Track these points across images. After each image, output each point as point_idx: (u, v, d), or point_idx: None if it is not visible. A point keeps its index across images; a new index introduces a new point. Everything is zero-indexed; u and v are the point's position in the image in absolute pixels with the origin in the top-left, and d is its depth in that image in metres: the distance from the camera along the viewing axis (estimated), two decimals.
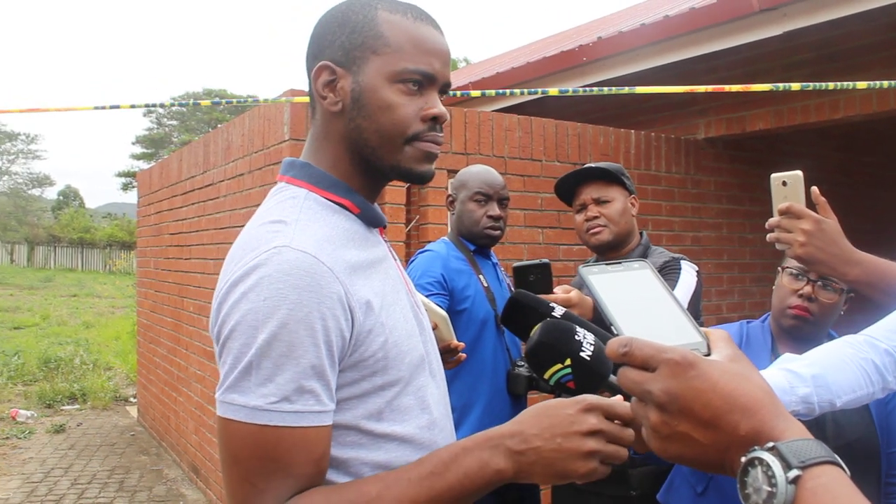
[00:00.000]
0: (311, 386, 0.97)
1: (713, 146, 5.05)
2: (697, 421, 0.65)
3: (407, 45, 1.10)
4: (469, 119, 3.90)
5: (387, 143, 1.10)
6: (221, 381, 1.00)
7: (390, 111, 1.09)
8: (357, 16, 1.11)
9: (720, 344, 0.71)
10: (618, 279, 0.78)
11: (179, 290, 5.77)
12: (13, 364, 9.73)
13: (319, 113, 1.15)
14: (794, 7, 3.78)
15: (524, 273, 1.65)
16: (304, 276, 0.97)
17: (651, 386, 0.66)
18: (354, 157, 1.14)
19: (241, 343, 0.97)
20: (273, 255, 0.99)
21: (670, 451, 0.67)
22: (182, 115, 46.28)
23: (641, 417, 0.69)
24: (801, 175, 1.55)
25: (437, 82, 1.13)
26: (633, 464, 2.22)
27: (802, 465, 0.60)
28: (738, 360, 0.69)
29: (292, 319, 0.96)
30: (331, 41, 1.12)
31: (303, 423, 0.97)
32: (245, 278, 0.99)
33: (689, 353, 0.67)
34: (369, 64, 1.09)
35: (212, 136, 5.17)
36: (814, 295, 1.84)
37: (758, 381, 0.67)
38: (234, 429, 0.97)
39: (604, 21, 8.10)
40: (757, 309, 5.12)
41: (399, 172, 1.13)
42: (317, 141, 1.17)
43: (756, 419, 0.64)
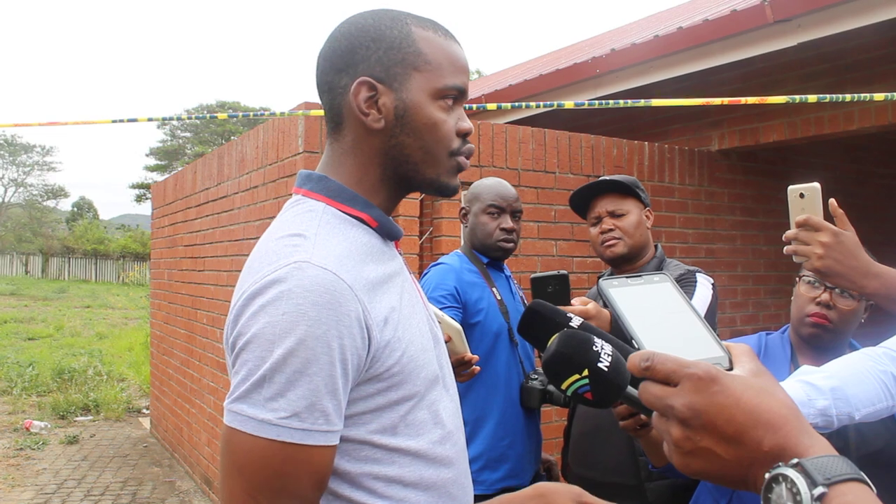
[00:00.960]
0: (323, 405, 0.97)
1: (727, 158, 5.03)
2: (720, 436, 0.64)
3: (445, 63, 1.12)
4: (483, 131, 3.90)
5: (430, 158, 1.12)
6: (232, 390, 0.99)
7: (436, 128, 1.11)
8: (392, 31, 1.11)
9: (743, 358, 0.70)
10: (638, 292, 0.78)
11: (193, 302, 5.79)
12: (27, 375, 9.77)
13: (351, 129, 1.13)
14: (809, 18, 3.77)
15: (542, 284, 1.64)
16: (324, 294, 0.97)
17: (673, 401, 0.65)
18: (387, 173, 1.14)
19: (256, 355, 0.97)
20: (294, 271, 0.98)
21: (693, 466, 0.66)
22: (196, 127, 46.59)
23: (663, 433, 0.68)
24: (819, 187, 1.54)
25: (465, 96, 1.16)
26: (649, 477, 2.20)
27: (828, 483, 0.59)
28: (762, 375, 0.68)
29: (310, 336, 0.95)
30: (365, 56, 1.10)
31: (310, 442, 0.96)
32: (264, 291, 0.98)
33: (712, 367, 0.66)
34: (411, 81, 1.10)
35: (226, 148, 5.20)
36: (832, 302, 1.82)
37: (782, 396, 0.66)
38: (240, 440, 0.96)
39: (617, 33, 8.11)
40: (772, 321, 5.08)
41: (436, 186, 1.15)
42: (341, 155, 1.15)
43: (780, 435, 0.63)
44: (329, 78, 1.14)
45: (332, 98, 1.14)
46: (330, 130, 1.18)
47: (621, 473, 2.25)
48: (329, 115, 1.17)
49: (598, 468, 2.31)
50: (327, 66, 1.14)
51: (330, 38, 1.16)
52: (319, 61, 1.16)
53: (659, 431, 0.68)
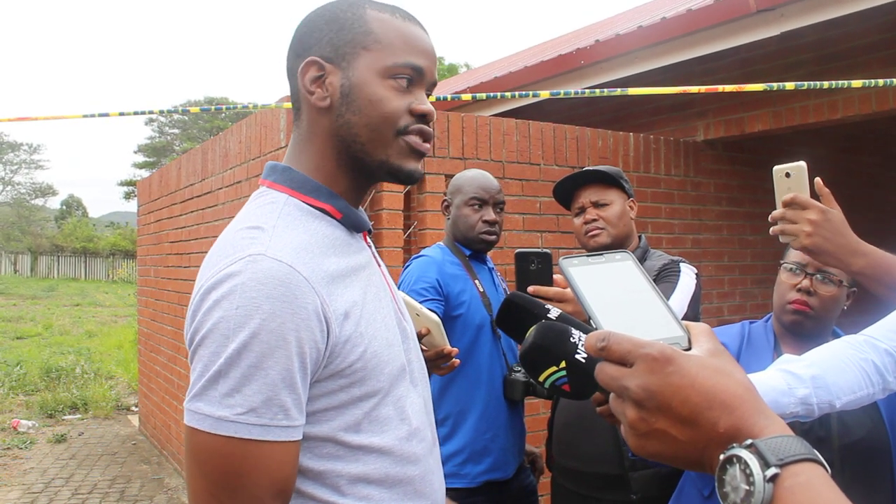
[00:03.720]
0: (281, 399, 0.95)
1: (712, 148, 5.03)
2: (675, 418, 0.63)
3: (397, 42, 1.10)
4: (466, 124, 3.88)
5: (376, 137, 1.09)
6: (189, 388, 0.98)
7: (380, 104, 1.08)
8: (345, 14, 1.10)
9: (701, 338, 0.68)
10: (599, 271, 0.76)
11: (179, 299, 5.76)
12: (15, 374, 9.72)
13: (305, 111, 1.13)
14: (792, 7, 3.77)
15: (526, 259, 1.62)
16: (279, 287, 0.95)
17: (628, 382, 0.64)
18: (341, 156, 1.12)
19: (210, 351, 0.95)
20: (248, 264, 0.97)
21: (648, 448, 0.65)
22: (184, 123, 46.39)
23: (619, 414, 0.66)
24: (805, 166, 1.53)
25: (424, 79, 1.13)
26: (633, 467, 2.20)
27: (781, 463, 0.57)
28: (719, 355, 0.66)
29: (264, 330, 0.93)
30: (318, 38, 1.10)
31: (269, 437, 0.94)
32: (219, 286, 0.97)
33: (668, 347, 0.64)
34: (359, 59, 1.09)
35: (210, 143, 5.17)
36: (812, 288, 1.81)
37: (738, 376, 0.65)
38: (200, 439, 0.95)
39: (601, 24, 8.10)
40: (758, 311, 5.09)
41: (387, 169, 1.12)
42: (301, 143, 1.14)
43: (735, 416, 0.62)
44: (290, 64, 1.14)
45: (293, 83, 1.14)
46: (294, 118, 1.17)
47: (605, 463, 2.25)
48: (292, 101, 1.16)
49: (582, 458, 2.31)
50: (290, 53, 1.15)
51: (296, 26, 1.16)
52: (287, 50, 1.17)
53: (615, 413, 0.67)
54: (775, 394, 1.39)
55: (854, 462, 1.71)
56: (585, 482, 2.31)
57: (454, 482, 2.32)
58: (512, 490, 2.45)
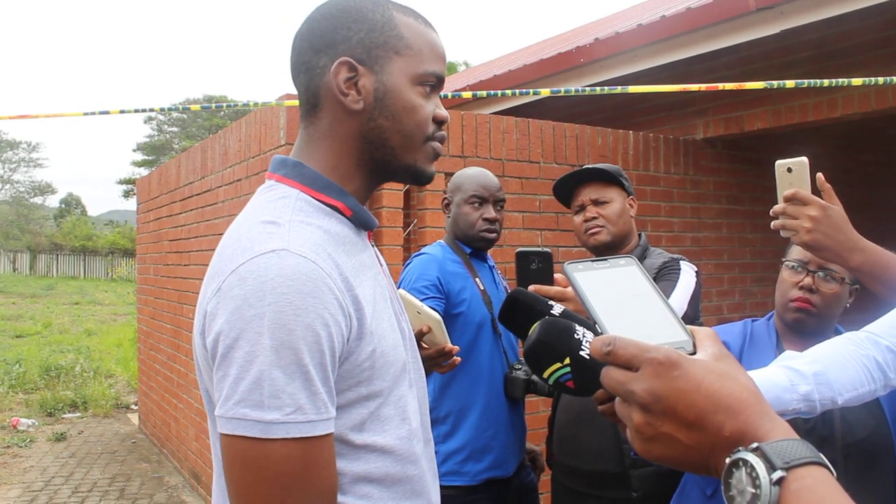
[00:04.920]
0: (321, 394, 0.94)
1: (712, 146, 5.03)
2: (681, 422, 0.63)
3: (425, 49, 1.11)
4: (466, 122, 3.88)
5: (407, 142, 1.11)
6: (226, 394, 0.93)
7: (414, 112, 1.10)
8: (374, 14, 1.09)
9: (706, 342, 0.69)
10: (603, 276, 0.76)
11: (179, 297, 5.76)
12: (15, 373, 9.72)
13: (329, 110, 1.10)
14: (791, 5, 3.77)
15: (526, 258, 1.62)
16: (308, 282, 0.94)
17: (634, 386, 0.65)
18: (363, 157, 1.12)
19: (246, 351, 0.91)
20: (273, 258, 0.95)
21: (654, 452, 0.66)
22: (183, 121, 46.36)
23: (625, 418, 0.67)
24: (807, 161, 1.53)
25: (442, 85, 1.16)
26: (634, 465, 2.20)
27: (787, 466, 0.58)
28: (724, 359, 0.67)
29: (299, 325, 0.92)
30: (346, 37, 1.08)
31: (317, 432, 0.93)
32: (244, 283, 0.94)
33: (673, 352, 0.65)
34: (392, 64, 1.09)
35: (209, 141, 5.16)
36: (814, 286, 1.81)
37: (743, 380, 0.65)
38: (251, 447, 0.91)
39: (601, 22, 8.09)
40: (758, 309, 5.10)
41: (411, 172, 1.14)
42: (316, 140, 1.12)
43: (741, 419, 0.62)
44: (307, 58, 1.11)
45: (310, 79, 1.11)
46: (304, 114, 1.14)
47: (606, 461, 2.25)
48: (305, 96, 1.13)
49: (583, 456, 2.31)
50: (305, 46, 1.12)
51: (309, 18, 1.13)
52: (296, 42, 1.13)
53: (621, 417, 0.67)
54: (778, 390, 1.39)
55: (857, 461, 1.72)
56: (586, 480, 2.31)
57: (455, 480, 2.32)
58: (512, 488, 2.45)
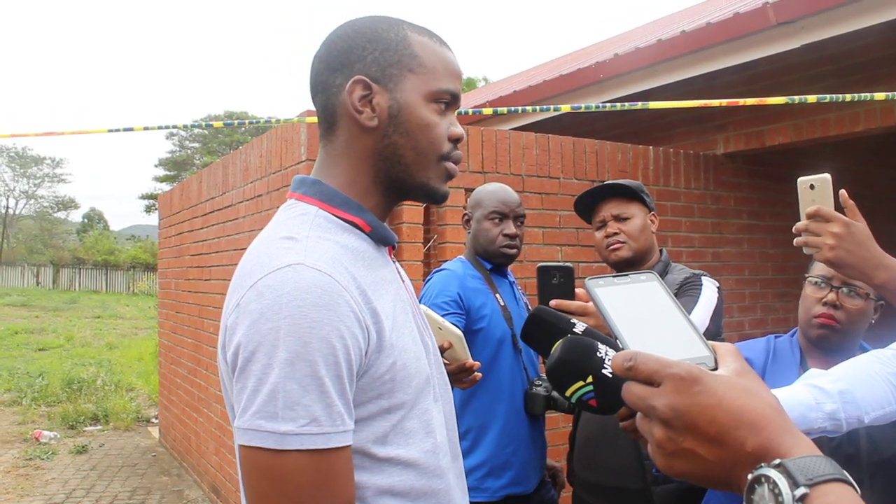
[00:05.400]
0: (338, 406, 0.95)
1: (732, 161, 5.01)
2: (703, 437, 0.63)
3: (439, 66, 1.13)
4: (486, 138, 3.90)
5: (422, 160, 1.12)
6: (244, 406, 0.95)
7: (429, 129, 1.11)
8: (388, 34, 1.12)
9: (727, 358, 0.69)
10: (624, 291, 0.76)
11: (200, 311, 5.80)
12: (37, 385, 9.82)
13: (344, 128, 1.13)
14: (812, 20, 3.75)
15: (548, 273, 1.62)
16: (323, 295, 0.96)
17: (656, 401, 0.64)
18: (379, 174, 1.13)
19: (262, 364, 0.94)
20: (289, 273, 0.97)
21: (675, 467, 0.65)
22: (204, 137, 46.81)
23: (646, 433, 0.67)
24: (829, 178, 1.52)
25: (458, 103, 1.17)
26: (655, 481, 2.19)
27: (810, 483, 0.57)
28: (745, 375, 0.67)
29: (314, 338, 0.93)
30: (361, 56, 1.11)
31: (333, 445, 0.94)
32: (261, 297, 0.96)
33: (695, 367, 0.65)
34: (406, 82, 1.11)
35: (231, 157, 5.21)
36: (838, 302, 1.78)
37: (765, 396, 0.65)
38: (266, 459, 0.93)
39: (621, 38, 8.10)
40: (780, 325, 5.05)
41: (425, 191, 1.15)
42: (334, 157, 1.15)
43: (763, 435, 0.62)
44: (324, 78, 1.14)
45: (327, 98, 1.14)
46: (323, 132, 1.17)
47: (627, 477, 2.24)
48: (322, 115, 1.16)
49: (604, 472, 2.29)
50: (322, 67, 1.14)
51: (326, 40, 1.16)
52: (314, 63, 1.16)
53: (642, 432, 0.67)
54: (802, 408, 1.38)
55: (883, 480, 1.69)
56: (607, 496, 2.29)
57: (475, 496, 2.32)
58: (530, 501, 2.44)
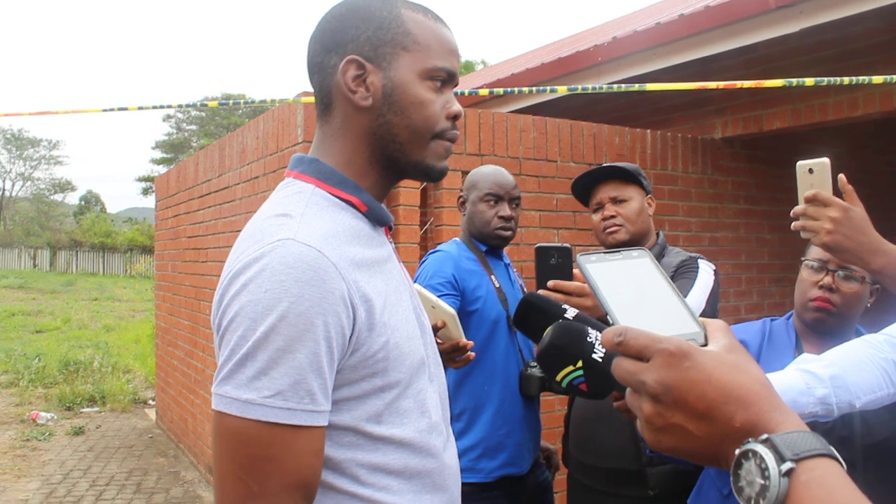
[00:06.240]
0: (308, 383, 0.95)
1: (730, 146, 5.00)
2: (691, 412, 0.63)
3: (433, 44, 1.12)
4: (483, 120, 3.88)
5: (416, 138, 1.12)
6: (217, 372, 0.98)
7: (423, 107, 1.11)
8: (381, 12, 1.11)
9: (717, 334, 0.69)
10: (616, 268, 0.76)
11: (196, 293, 5.80)
12: (34, 367, 9.84)
13: (340, 108, 1.13)
14: (811, 4, 3.73)
15: (546, 254, 1.62)
16: (308, 270, 0.96)
17: (645, 376, 0.64)
18: (375, 153, 1.13)
19: (238, 335, 0.95)
20: (277, 247, 0.98)
21: (664, 443, 0.65)
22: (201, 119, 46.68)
23: (635, 409, 0.67)
24: (828, 162, 1.51)
25: (455, 80, 1.16)
26: (650, 463, 2.20)
27: (796, 458, 0.58)
28: (735, 351, 0.67)
29: (292, 313, 0.94)
30: (354, 36, 1.11)
31: (295, 422, 0.94)
32: (247, 269, 0.98)
33: (685, 343, 0.65)
34: (400, 60, 1.10)
35: (227, 139, 5.20)
36: (834, 285, 1.78)
37: (755, 372, 0.65)
38: (227, 423, 0.95)
39: (619, 21, 8.06)
40: (776, 309, 5.06)
41: (420, 169, 1.15)
42: (330, 137, 1.15)
43: (751, 411, 0.62)
44: (319, 59, 1.14)
45: (322, 78, 1.14)
46: (319, 112, 1.17)
47: (622, 459, 2.25)
48: (319, 96, 1.16)
49: (599, 453, 2.31)
50: (318, 48, 1.14)
51: (321, 20, 1.16)
52: (310, 43, 1.16)
53: (631, 407, 0.67)
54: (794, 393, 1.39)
55: (877, 463, 1.70)
56: (602, 477, 2.30)
57: (469, 477, 2.33)
58: (527, 485, 2.45)
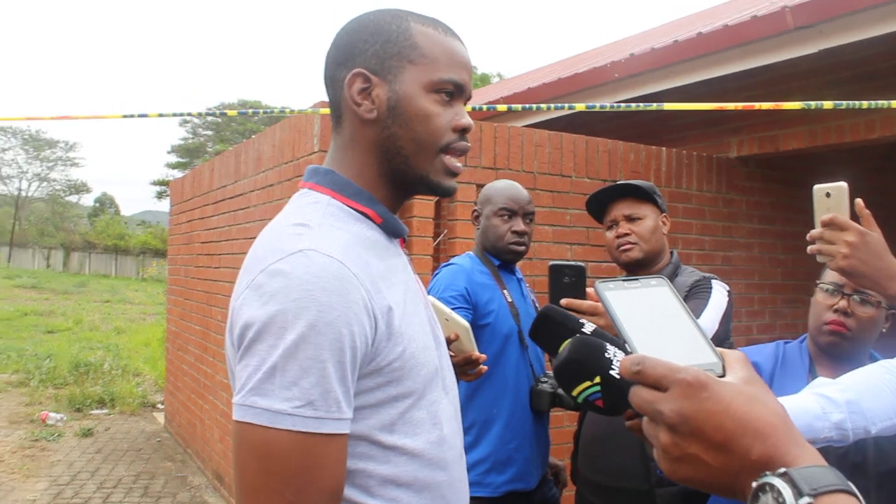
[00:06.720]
0: (336, 392, 0.96)
1: (745, 165, 4.99)
2: (708, 443, 0.63)
3: (441, 56, 1.12)
4: (499, 134, 3.89)
5: (421, 151, 1.12)
6: (243, 382, 0.97)
7: (427, 120, 1.11)
8: (390, 26, 1.12)
9: (735, 366, 0.69)
10: (634, 296, 0.76)
11: (208, 299, 5.82)
12: (45, 367, 9.89)
13: (348, 121, 1.15)
14: (831, 25, 3.73)
15: (559, 272, 1.62)
16: (333, 280, 0.97)
17: (662, 406, 0.64)
18: (383, 166, 1.14)
19: (268, 344, 0.95)
20: (300, 258, 0.98)
21: (680, 473, 0.65)
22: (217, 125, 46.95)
23: (652, 438, 0.67)
24: (846, 186, 1.51)
25: (465, 93, 1.16)
26: (659, 483, 2.19)
27: (814, 493, 0.57)
28: (753, 383, 0.67)
29: (321, 322, 0.95)
30: (363, 50, 1.12)
31: (325, 430, 0.95)
32: (272, 279, 0.98)
33: (702, 373, 0.65)
34: (405, 73, 1.11)
35: (243, 146, 5.23)
36: (849, 309, 1.77)
37: (772, 404, 0.65)
38: (257, 435, 0.94)
39: (637, 38, 8.07)
40: (788, 330, 5.03)
41: (426, 184, 1.15)
42: (342, 150, 1.16)
43: (769, 444, 0.62)
44: (331, 72, 1.16)
45: (334, 92, 1.16)
46: (333, 125, 1.19)
47: (631, 478, 2.24)
48: (332, 109, 1.18)
49: (608, 472, 2.29)
50: (330, 61, 1.16)
51: (335, 35, 1.18)
52: (325, 58, 1.18)
53: (648, 436, 0.67)
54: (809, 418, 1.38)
55: (890, 490, 1.68)
56: (611, 496, 2.29)
57: (477, 491, 2.32)
58: (535, 501, 2.44)
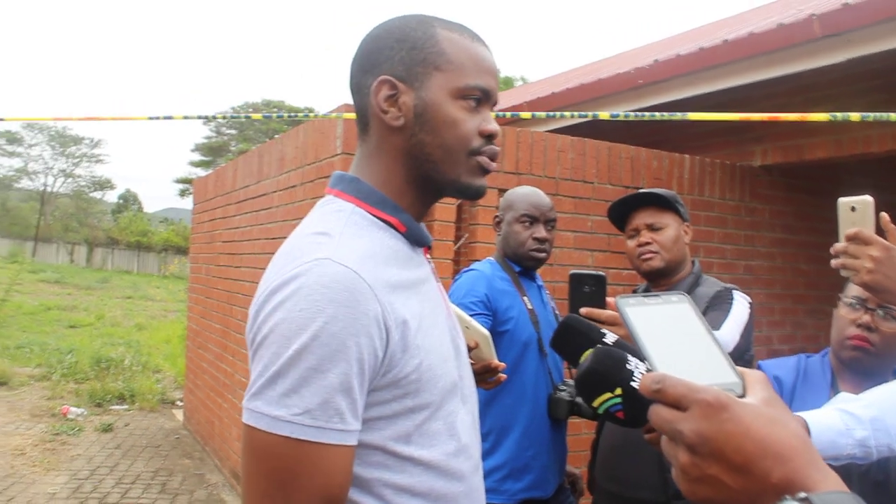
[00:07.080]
0: (337, 403, 0.96)
1: (769, 174, 4.94)
2: (728, 465, 0.62)
3: (468, 63, 1.12)
4: (521, 139, 3.89)
5: (449, 157, 1.12)
6: (249, 387, 1.00)
7: (455, 126, 1.11)
8: (416, 32, 1.12)
9: (756, 386, 0.68)
10: (655, 312, 0.76)
11: (229, 298, 5.86)
12: (67, 362, 10.00)
13: (375, 128, 1.15)
14: (859, 33, 3.69)
15: (580, 281, 1.62)
16: (343, 291, 0.97)
17: (682, 426, 0.64)
18: (411, 173, 1.14)
19: (272, 351, 0.97)
20: (313, 267, 0.99)
21: (699, 494, 0.65)
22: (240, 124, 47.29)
23: (671, 457, 0.66)
24: (871, 201, 1.49)
25: (491, 99, 1.16)
26: (676, 495, 2.17)
27: None
28: (773, 404, 0.66)
29: (325, 333, 0.95)
30: (389, 56, 1.12)
31: (323, 440, 0.95)
32: (284, 287, 0.99)
33: (723, 394, 0.64)
34: (432, 80, 1.11)
35: (266, 147, 5.26)
36: (873, 324, 1.76)
37: (794, 427, 0.64)
38: (256, 437, 0.97)
39: (661, 44, 8.03)
40: (810, 341, 4.98)
41: (457, 187, 1.15)
42: (369, 157, 1.16)
43: (789, 467, 0.61)
44: (357, 79, 1.16)
45: (360, 99, 1.16)
46: (359, 132, 1.19)
47: (648, 489, 2.22)
48: (358, 116, 1.18)
49: (625, 483, 2.28)
50: (356, 68, 1.16)
51: (361, 41, 1.18)
52: (351, 65, 1.19)
53: (667, 456, 0.67)
54: (832, 434, 1.36)
55: None
56: None
57: (493, 498, 2.32)
58: None
